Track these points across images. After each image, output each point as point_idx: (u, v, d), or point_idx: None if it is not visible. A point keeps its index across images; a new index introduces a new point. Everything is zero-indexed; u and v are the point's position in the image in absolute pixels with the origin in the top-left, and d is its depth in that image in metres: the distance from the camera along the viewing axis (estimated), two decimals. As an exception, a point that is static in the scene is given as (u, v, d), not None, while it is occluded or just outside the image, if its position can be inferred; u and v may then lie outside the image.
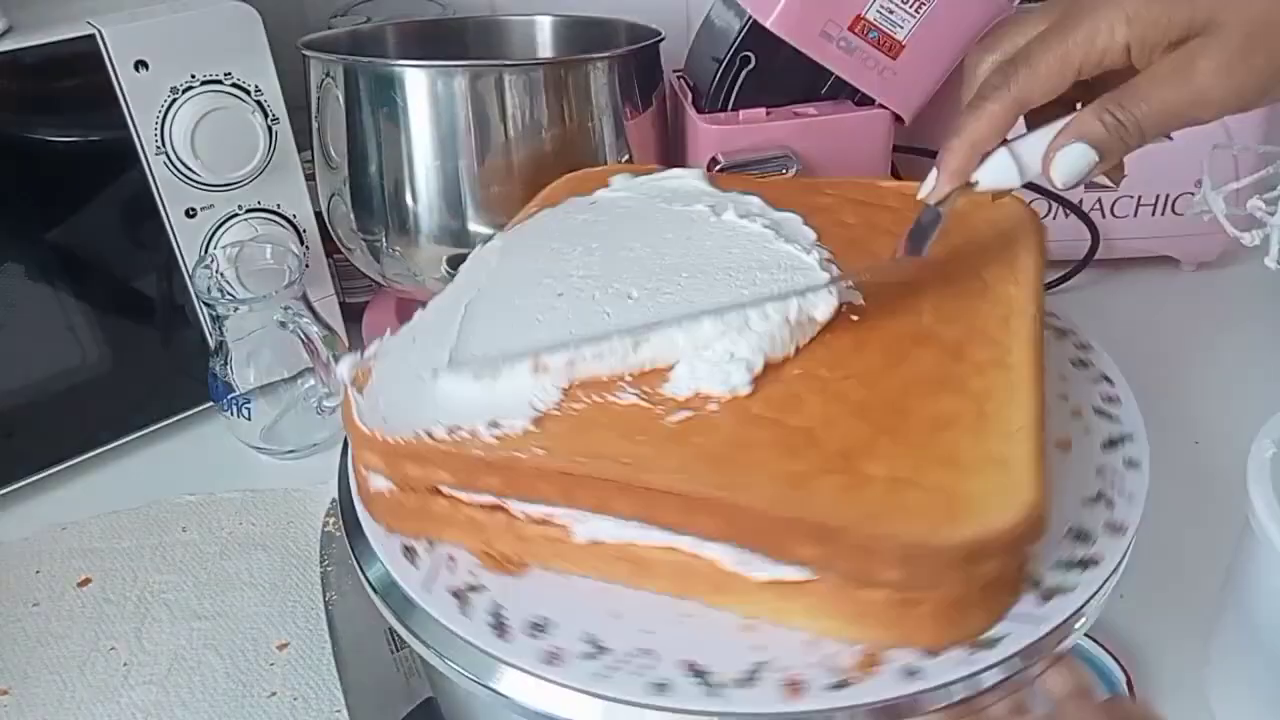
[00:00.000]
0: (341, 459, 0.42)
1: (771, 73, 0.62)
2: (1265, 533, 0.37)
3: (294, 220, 0.61)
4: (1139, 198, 0.69)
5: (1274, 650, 0.39)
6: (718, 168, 0.61)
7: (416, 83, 0.55)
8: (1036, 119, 0.36)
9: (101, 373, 0.58)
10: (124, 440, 0.60)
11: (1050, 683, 0.35)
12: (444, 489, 0.36)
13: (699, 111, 0.64)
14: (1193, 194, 0.58)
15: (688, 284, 0.39)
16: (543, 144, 0.57)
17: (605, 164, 0.60)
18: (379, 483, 0.37)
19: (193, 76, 0.54)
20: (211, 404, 0.60)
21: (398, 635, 0.42)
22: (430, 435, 0.34)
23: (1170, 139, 0.34)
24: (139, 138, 0.54)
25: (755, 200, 0.46)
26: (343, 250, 0.64)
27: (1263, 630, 0.39)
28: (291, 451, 0.60)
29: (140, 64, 0.53)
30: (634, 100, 0.61)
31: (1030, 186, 0.68)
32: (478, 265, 0.44)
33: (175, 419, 0.62)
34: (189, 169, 0.55)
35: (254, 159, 0.57)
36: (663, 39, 0.64)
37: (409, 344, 0.40)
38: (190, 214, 0.57)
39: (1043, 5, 0.37)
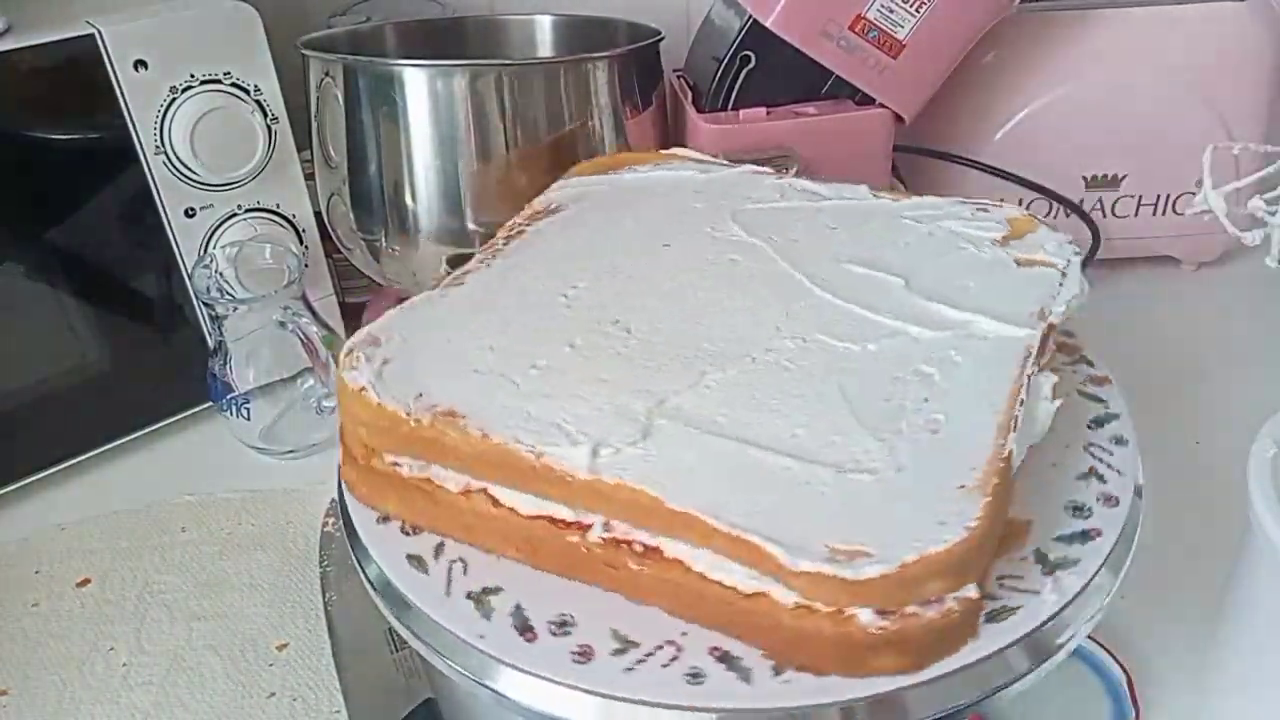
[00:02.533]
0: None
1: (771, 72, 0.61)
2: (1266, 533, 0.36)
3: (293, 220, 0.61)
4: (1139, 197, 0.69)
5: (1276, 651, 0.39)
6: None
7: (416, 82, 0.55)
8: None
9: (101, 373, 0.58)
10: (123, 440, 0.60)
11: None
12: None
13: (699, 111, 0.64)
14: (1193, 193, 0.57)
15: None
16: (542, 144, 0.57)
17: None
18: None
19: (192, 76, 0.54)
20: (211, 404, 0.60)
21: (398, 635, 0.42)
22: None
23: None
24: (138, 137, 0.54)
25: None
26: (342, 250, 0.64)
27: (1264, 631, 0.39)
28: (291, 452, 0.60)
29: (139, 63, 0.53)
30: (634, 100, 0.61)
31: (1029, 184, 0.68)
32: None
33: (174, 419, 0.62)
34: (188, 169, 0.55)
35: (253, 159, 0.57)
36: (663, 39, 0.64)
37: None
38: (189, 214, 0.57)
39: None
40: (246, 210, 0.59)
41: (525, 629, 0.33)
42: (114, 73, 0.52)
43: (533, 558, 0.36)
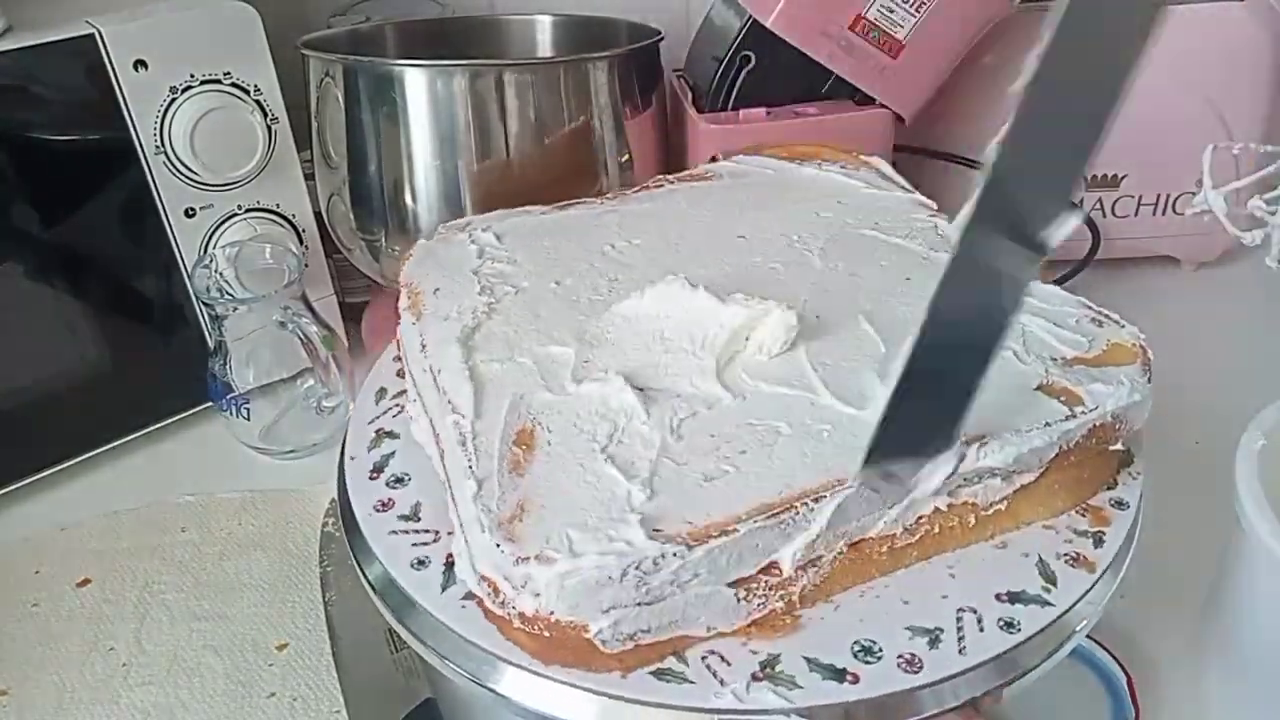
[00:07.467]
0: (340, 458, 0.42)
1: (771, 72, 0.62)
2: (1250, 523, 0.36)
3: (293, 220, 0.61)
4: (1140, 197, 0.69)
5: (1260, 642, 0.39)
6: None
7: (416, 82, 0.55)
8: None
9: (101, 373, 0.58)
10: (124, 440, 0.60)
11: None
12: None
13: (699, 111, 0.64)
14: (1193, 194, 0.57)
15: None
16: (542, 144, 0.57)
17: (605, 163, 0.60)
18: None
19: (192, 76, 0.54)
20: (211, 404, 0.60)
21: (397, 635, 0.42)
22: None
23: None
24: (138, 137, 0.54)
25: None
26: (342, 250, 0.64)
27: (1248, 622, 0.39)
28: (291, 452, 0.60)
29: (139, 63, 0.53)
30: (634, 100, 0.61)
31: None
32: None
33: (175, 419, 0.62)
34: (188, 169, 0.55)
35: (253, 159, 0.57)
36: (663, 39, 0.64)
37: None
38: (189, 214, 0.57)
39: None
40: (246, 210, 0.59)
41: None
42: (114, 73, 0.52)
43: None
